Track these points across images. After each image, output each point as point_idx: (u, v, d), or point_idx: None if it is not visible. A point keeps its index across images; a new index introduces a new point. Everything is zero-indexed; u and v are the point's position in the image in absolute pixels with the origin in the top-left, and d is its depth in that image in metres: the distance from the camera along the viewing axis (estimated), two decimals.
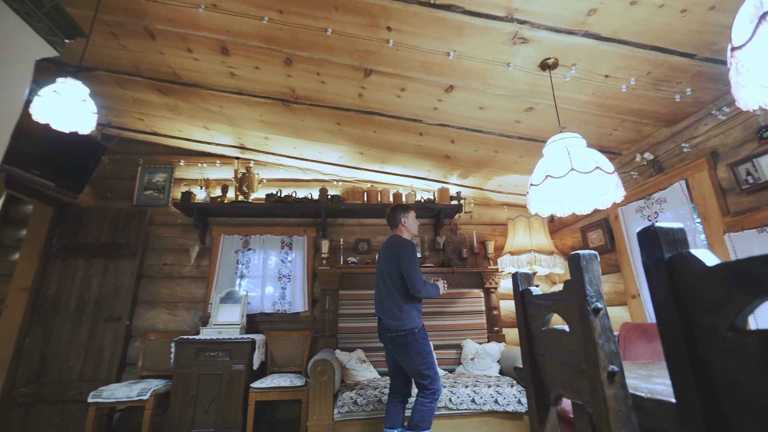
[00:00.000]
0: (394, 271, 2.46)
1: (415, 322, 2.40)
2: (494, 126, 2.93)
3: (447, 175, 3.91)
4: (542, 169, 2.06)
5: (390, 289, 2.46)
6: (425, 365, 2.33)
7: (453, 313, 3.76)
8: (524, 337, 1.36)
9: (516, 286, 1.42)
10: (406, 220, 2.69)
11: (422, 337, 2.39)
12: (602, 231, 3.25)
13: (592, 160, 1.80)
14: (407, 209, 2.74)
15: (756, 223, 2.02)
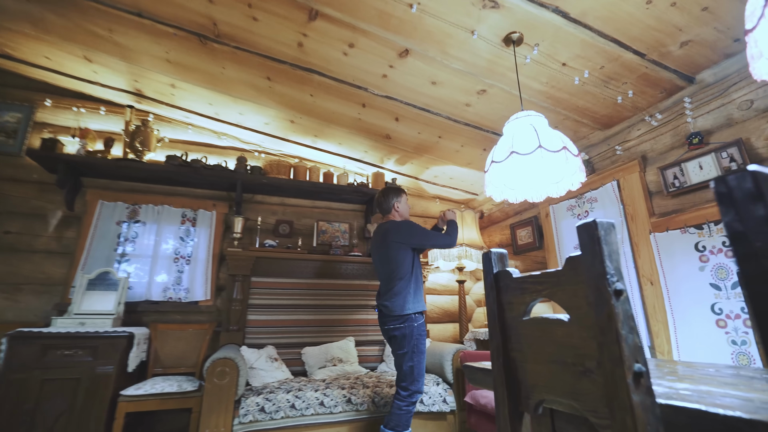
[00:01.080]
0: (391, 256, 2.31)
1: (413, 307, 2.25)
2: (443, 107, 2.74)
3: (384, 159, 3.64)
4: (506, 145, 1.88)
5: (388, 276, 2.30)
6: (413, 362, 2.19)
7: (373, 306, 3.49)
8: (496, 328, 1.10)
9: (488, 267, 1.16)
10: (399, 204, 2.51)
11: (420, 331, 2.24)
12: (532, 228, 3.29)
13: (559, 140, 1.67)
14: (399, 192, 2.54)
15: (680, 224, 2.12)
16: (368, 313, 3.45)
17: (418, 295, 2.33)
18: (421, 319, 2.28)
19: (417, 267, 2.40)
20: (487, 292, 1.14)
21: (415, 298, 2.29)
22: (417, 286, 2.35)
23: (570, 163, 1.66)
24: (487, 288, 1.14)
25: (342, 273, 3.47)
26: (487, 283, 1.14)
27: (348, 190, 3.55)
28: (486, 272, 1.16)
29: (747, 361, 1.78)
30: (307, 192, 3.56)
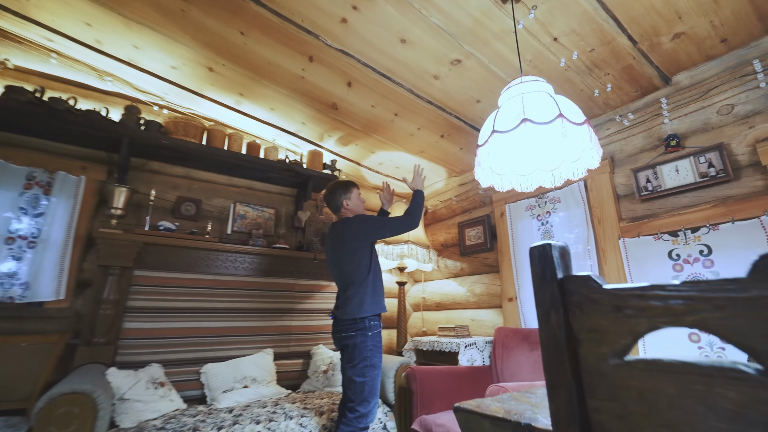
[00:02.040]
0: (349, 259, 1.98)
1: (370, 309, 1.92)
2: (408, 75, 2.30)
3: (325, 135, 3.07)
4: (489, 124, 1.50)
5: (345, 280, 1.98)
6: (365, 378, 1.83)
7: (303, 311, 2.90)
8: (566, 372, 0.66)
9: (545, 268, 0.71)
10: (348, 202, 2.17)
11: (375, 343, 1.90)
12: (483, 228, 3.04)
13: (553, 106, 1.31)
14: (348, 188, 2.20)
15: (653, 230, 1.99)
16: (293, 319, 2.83)
17: (377, 295, 1.99)
18: (377, 326, 1.93)
19: (375, 263, 2.07)
20: (544, 309, 0.69)
21: (374, 299, 1.96)
22: (375, 284, 2.01)
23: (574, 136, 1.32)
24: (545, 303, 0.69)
25: (263, 269, 2.80)
26: (545, 295, 0.69)
27: (277, 168, 2.90)
28: (540, 277, 0.70)
29: None
30: (223, 164, 2.81)
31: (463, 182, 3.42)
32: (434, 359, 2.77)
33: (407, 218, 2.05)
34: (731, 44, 1.87)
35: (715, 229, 1.77)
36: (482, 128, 1.57)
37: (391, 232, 2.04)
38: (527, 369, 2.19)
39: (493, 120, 1.49)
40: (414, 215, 2.07)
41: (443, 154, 3.15)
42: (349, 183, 2.23)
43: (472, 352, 2.53)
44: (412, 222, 2.05)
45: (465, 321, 3.04)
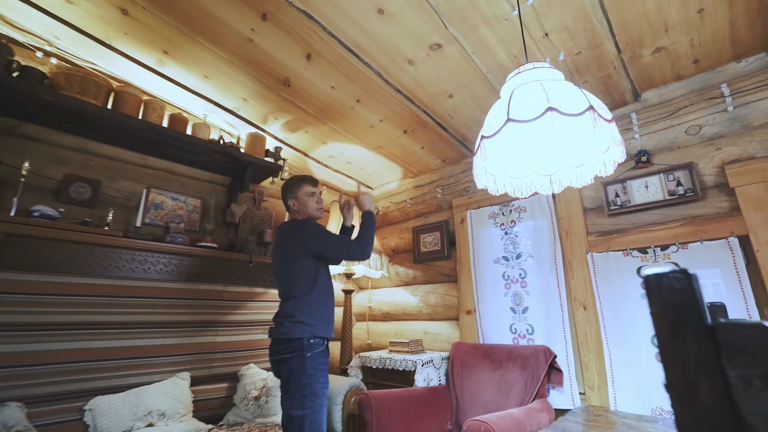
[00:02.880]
0: (291, 267, 1.69)
1: (309, 330, 1.59)
2: (379, 55, 1.99)
3: (270, 117, 2.62)
4: (500, 112, 1.26)
5: (286, 291, 1.68)
6: (305, 411, 1.47)
7: (232, 324, 2.42)
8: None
9: (679, 308, 0.45)
10: (295, 201, 1.87)
11: (315, 365, 1.55)
12: (440, 234, 2.84)
13: (582, 97, 1.12)
14: (295, 185, 1.87)
15: (622, 245, 1.95)
16: (218, 333, 2.33)
17: (321, 316, 1.68)
18: (319, 344, 1.60)
19: (324, 277, 1.76)
20: (684, 375, 0.44)
21: (316, 319, 1.64)
22: (321, 303, 1.71)
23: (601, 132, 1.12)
24: (685, 365, 0.44)
25: (182, 273, 2.26)
26: (684, 352, 0.44)
27: (209, 149, 2.38)
28: (675, 322, 0.45)
29: None
30: (136, 138, 2.21)
31: (419, 184, 3.20)
32: (384, 378, 2.49)
33: (359, 247, 1.74)
34: (701, 66, 1.90)
35: (684, 248, 1.77)
36: (488, 117, 1.32)
37: (334, 254, 1.74)
38: (491, 390, 2.02)
39: (506, 106, 1.23)
40: (367, 244, 1.76)
41: (402, 152, 2.90)
42: (300, 179, 1.89)
43: (429, 371, 2.30)
44: (363, 251, 1.74)
45: (416, 334, 2.81)
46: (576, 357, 2.01)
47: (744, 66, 1.83)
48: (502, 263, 2.42)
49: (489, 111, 1.27)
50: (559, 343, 2.05)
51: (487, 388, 2.04)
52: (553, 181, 1.41)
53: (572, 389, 1.95)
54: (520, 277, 2.30)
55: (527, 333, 2.21)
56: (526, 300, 2.25)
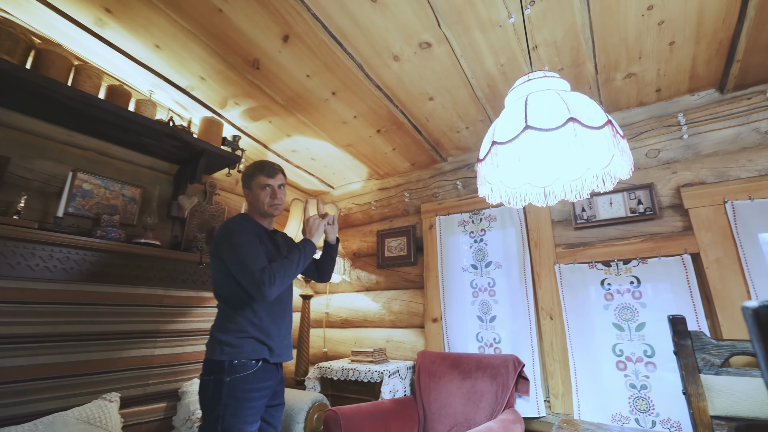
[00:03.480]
0: (213, 269, 1.47)
1: (230, 351, 1.33)
2: (364, 46, 1.86)
3: (230, 102, 2.34)
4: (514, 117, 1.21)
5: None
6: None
7: (174, 334, 2.11)
8: None
9: None
10: (249, 192, 1.60)
11: (235, 393, 1.28)
12: (407, 240, 2.78)
13: (599, 110, 1.11)
14: (249, 175, 1.58)
15: (588, 258, 2.04)
16: (156, 345, 2.01)
17: (251, 333, 1.37)
18: (245, 366, 1.32)
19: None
20: None
21: (242, 337, 1.36)
22: (256, 317, 1.40)
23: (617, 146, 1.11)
24: None
25: (115, 273, 1.91)
26: None
27: (156, 130, 2.05)
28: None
29: (645, 406, 1.75)
30: (62, 109, 1.83)
31: (384, 186, 3.11)
32: (344, 389, 2.34)
33: (259, 276, 1.28)
34: (661, 95, 2.06)
35: (644, 263, 1.89)
36: (484, 139, 1.27)
37: (237, 271, 1.33)
38: (460, 401, 1.98)
39: (493, 128, 1.20)
40: (285, 276, 1.34)
41: (372, 152, 2.78)
42: (256, 167, 1.55)
43: (395, 382, 2.20)
44: (264, 284, 1.27)
45: (378, 342, 2.71)
46: (541, 366, 2.06)
47: (696, 99, 2.01)
48: (471, 271, 2.41)
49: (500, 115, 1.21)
50: (526, 352, 2.08)
51: (455, 399, 2.00)
52: (547, 193, 1.40)
53: (537, 397, 1.98)
54: (489, 286, 2.31)
55: (494, 342, 2.22)
56: (494, 309, 2.26)
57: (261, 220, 1.57)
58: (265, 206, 1.53)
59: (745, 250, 1.68)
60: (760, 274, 1.64)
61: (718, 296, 1.69)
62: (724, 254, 1.72)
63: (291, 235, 2.67)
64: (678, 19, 1.62)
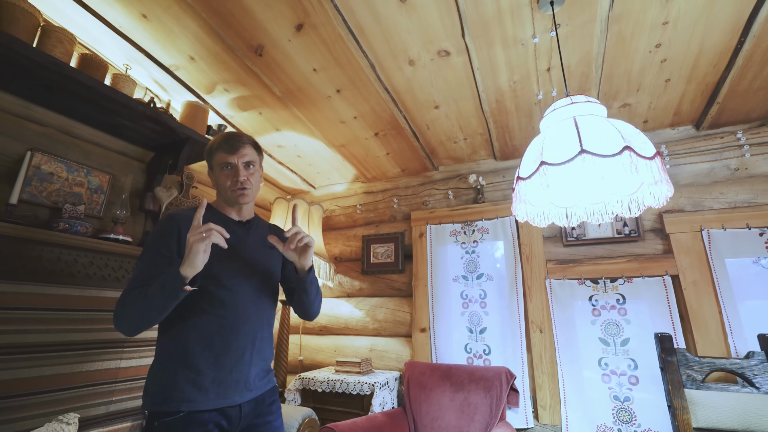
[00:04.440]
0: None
1: (157, 399, 1.01)
2: (381, 47, 1.79)
3: (219, 87, 2.14)
4: (534, 153, 1.22)
5: None
6: None
7: (144, 342, 1.86)
8: None
9: None
10: (210, 174, 1.26)
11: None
12: (395, 247, 2.73)
13: (617, 136, 1.14)
14: (208, 152, 1.24)
15: (577, 274, 2.13)
16: (123, 356, 1.76)
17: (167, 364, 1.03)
18: (168, 429, 0.98)
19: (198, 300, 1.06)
20: None
21: (157, 372, 1.04)
22: (178, 340, 1.04)
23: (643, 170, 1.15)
24: None
25: (78, 274, 1.64)
26: None
27: (135, 111, 1.80)
28: None
29: (628, 417, 1.86)
30: (23, 76, 1.53)
31: (370, 190, 3.04)
32: (328, 402, 2.23)
33: (120, 307, 0.98)
34: (647, 127, 2.22)
35: (629, 282, 2.01)
36: (524, 157, 1.27)
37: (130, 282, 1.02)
38: (453, 414, 1.97)
39: (540, 148, 1.20)
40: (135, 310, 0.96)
41: (364, 155, 2.70)
42: (215, 143, 1.20)
43: (384, 394, 2.14)
44: (125, 317, 0.97)
45: (361, 351, 2.62)
46: (529, 377, 2.11)
47: (676, 133, 2.20)
48: (461, 282, 2.42)
49: (544, 136, 1.21)
50: (515, 363, 2.13)
51: (448, 412, 1.99)
52: (569, 215, 1.43)
53: (526, 409, 2.03)
54: (480, 298, 2.34)
55: (484, 353, 2.24)
56: (484, 320, 2.29)
57: (227, 209, 1.21)
58: (227, 192, 1.17)
59: (717, 275, 1.85)
60: (729, 296, 1.82)
61: (693, 315, 1.85)
62: (700, 277, 1.89)
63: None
64: (678, 59, 1.75)
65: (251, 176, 1.19)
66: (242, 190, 1.15)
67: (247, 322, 1.10)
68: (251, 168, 1.19)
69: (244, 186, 1.15)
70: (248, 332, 1.10)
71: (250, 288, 1.14)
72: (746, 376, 1.59)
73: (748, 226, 1.85)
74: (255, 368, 1.11)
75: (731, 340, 1.76)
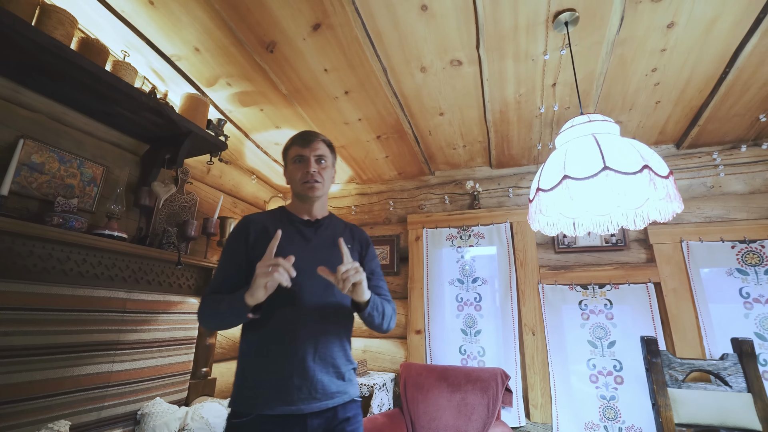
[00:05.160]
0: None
1: (235, 400, 1.02)
2: (395, 52, 1.81)
3: (222, 80, 2.07)
4: (556, 166, 1.29)
5: None
6: None
7: (137, 344, 1.78)
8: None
9: None
10: (285, 172, 1.24)
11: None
12: (391, 249, 2.75)
13: (636, 155, 1.23)
14: (285, 150, 1.25)
15: (569, 280, 2.24)
16: (116, 359, 1.67)
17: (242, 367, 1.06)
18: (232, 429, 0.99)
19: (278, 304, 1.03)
20: None
21: (243, 381, 1.03)
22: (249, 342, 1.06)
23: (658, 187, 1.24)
24: None
25: (72, 272, 1.55)
26: None
27: (137, 101, 1.71)
28: None
29: (613, 414, 1.98)
30: (18, 56, 1.41)
31: (365, 192, 3.04)
32: None
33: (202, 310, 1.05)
34: None
35: (616, 288, 2.15)
36: (543, 170, 1.34)
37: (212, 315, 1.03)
38: (450, 414, 2.02)
39: (563, 162, 1.27)
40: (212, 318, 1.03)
41: (363, 156, 2.70)
42: (293, 137, 1.22)
43: (382, 395, 2.16)
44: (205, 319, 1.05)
45: (355, 352, 2.62)
46: (522, 377, 2.20)
47: (658, 151, 2.37)
48: (457, 285, 2.48)
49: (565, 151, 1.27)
50: (509, 364, 2.21)
51: (446, 412, 2.03)
52: (576, 225, 1.51)
53: (519, 408, 2.12)
54: (475, 301, 2.41)
55: (479, 355, 2.31)
56: (479, 323, 2.36)
57: (299, 207, 1.19)
58: (298, 186, 1.16)
59: (695, 283, 2.02)
60: (704, 302, 1.99)
61: (673, 320, 2.01)
62: (680, 285, 2.05)
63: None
64: (670, 84, 1.89)
65: (323, 170, 1.17)
66: (312, 182, 1.13)
67: (308, 324, 1.04)
68: (323, 162, 1.18)
69: (314, 178, 1.13)
70: (309, 336, 1.03)
71: (313, 289, 1.08)
72: (721, 375, 1.74)
73: (722, 239, 2.03)
74: (321, 374, 1.02)
75: (706, 343, 1.92)
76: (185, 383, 2.00)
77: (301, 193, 1.16)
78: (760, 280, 1.92)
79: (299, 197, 1.19)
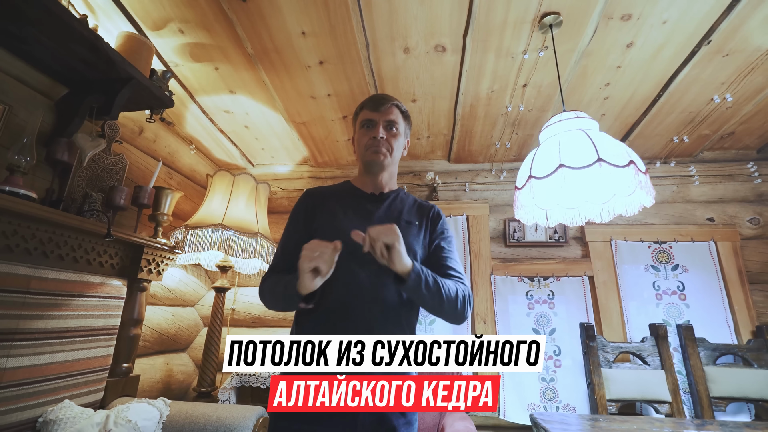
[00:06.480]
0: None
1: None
2: (383, 26, 1.72)
3: (173, 24, 1.75)
4: (550, 155, 1.35)
5: None
6: None
7: (42, 333, 1.40)
8: None
9: None
10: (354, 138, 1.18)
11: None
12: None
13: (623, 150, 1.34)
14: (355, 115, 1.19)
15: (517, 272, 2.39)
16: (10, 354, 1.30)
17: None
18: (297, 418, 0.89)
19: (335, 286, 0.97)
20: None
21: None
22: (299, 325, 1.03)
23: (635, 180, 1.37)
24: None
25: None
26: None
27: (69, 28, 1.35)
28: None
29: (552, 395, 2.16)
30: None
31: (318, 176, 2.88)
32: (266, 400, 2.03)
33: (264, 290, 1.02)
34: None
35: (557, 280, 2.35)
36: (535, 159, 1.39)
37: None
38: None
39: (530, 163, 1.36)
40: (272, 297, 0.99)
41: (324, 136, 2.54)
42: (365, 100, 1.16)
43: None
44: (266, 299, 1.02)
45: None
46: None
47: None
48: None
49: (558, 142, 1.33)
50: None
51: None
52: (548, 217, 1.61)
53: None
54: None
55: None
56: None
57: (363, 180, 1.12)
58: (362, 150, 1.09)
59: (620, 277, 2.31)
60: (626, 294, 2.28)
61: (603, 309, 2.27)
62: (608, 278, 2.32)
63: (215, 220, 2.18)
64: (616, 99, 2.12)
65: (392, 138, 1.08)
66: (377, 148, 1.05)
67: (361, 307, 0.94)
68: (394, 130, 1.09)
69: (380, 144, 1.05)
70: (362, 319, 0.93)
71: (370, 269, 0.96)
72: (642, 356, 2.01)
73: (641, 239, 2.36)
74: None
75: (627, 329, 2.21)
76: (102, 382, 1.65)
77: (364, 159, 1.09)
78: (668, 276, 2.28)
79: (365, 166, 1.11)
